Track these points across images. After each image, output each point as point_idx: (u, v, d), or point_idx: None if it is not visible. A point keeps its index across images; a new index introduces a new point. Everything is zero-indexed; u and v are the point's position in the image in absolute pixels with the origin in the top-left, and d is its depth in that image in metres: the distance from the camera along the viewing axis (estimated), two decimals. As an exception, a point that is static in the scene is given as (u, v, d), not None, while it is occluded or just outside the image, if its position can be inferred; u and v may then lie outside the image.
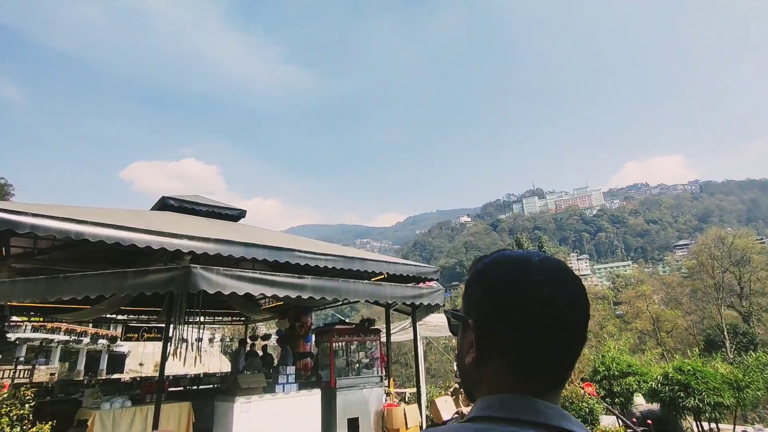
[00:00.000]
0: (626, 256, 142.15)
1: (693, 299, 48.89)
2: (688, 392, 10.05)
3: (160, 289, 4.31)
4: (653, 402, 11.32)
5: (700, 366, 10.62)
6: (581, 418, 7.76)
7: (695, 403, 9.84)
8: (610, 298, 61.41)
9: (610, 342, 15.32)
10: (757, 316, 44.18)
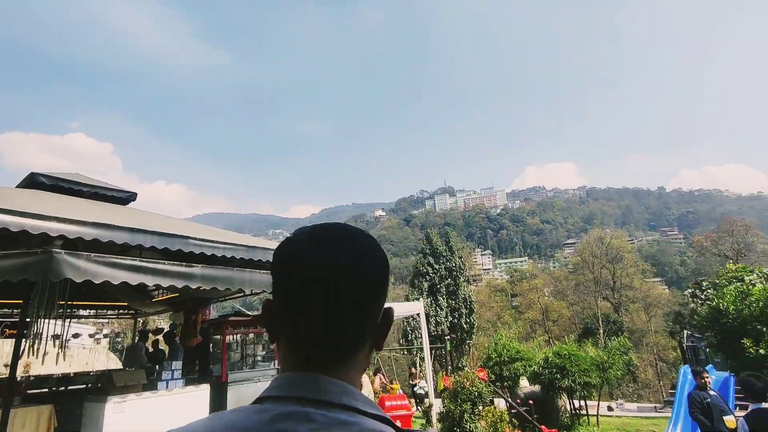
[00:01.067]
0: (523, 252, 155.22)
1: (576, 292, 54.89)
2: (564, 374, 11.23)
3: (12, 277, 3.71)
4: (535, 384, 12.48)
5: (575, 350, 11.93)
6: (471, 401, 8.28)
7: (569, 384, 11.03)
8: (507, 290, 66.72)
9: (503, 331, 16.62)
10: (625, 306, 50.99)
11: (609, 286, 51.59)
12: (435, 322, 33.48)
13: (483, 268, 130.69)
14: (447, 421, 8.58)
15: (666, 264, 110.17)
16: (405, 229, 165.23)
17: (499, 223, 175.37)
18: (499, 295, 61.62)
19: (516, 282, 62.41)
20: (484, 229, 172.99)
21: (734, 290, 9.27)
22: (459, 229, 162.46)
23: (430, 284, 35.04)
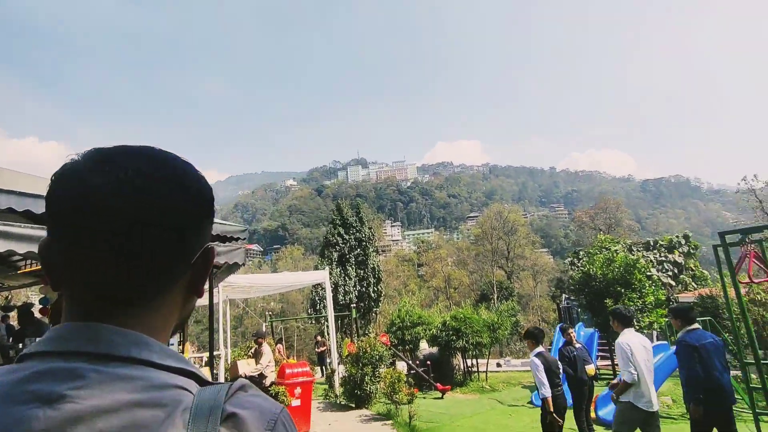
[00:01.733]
0: (431, 224, 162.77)
1: (476, 261, 59.25)
2: (459, 336, 12.08)
3: None
4: (433, 346, 13.30)
5: (469, 314, 12.87)
6: (372, 364, 8.54)
7: (463, 344, 11.90)
8: (414, 260, 69.87)
9: (406, 298, 17.38)
10: (517, 274, 56.38)
11: (504, 255, 56.42)
12: (343, 291, 33.95)
13: (392, 239, 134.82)
14: (348, 385, 8.80)
15: (552, 236, 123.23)
16: (317, 200, 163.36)
17: (409, 195, 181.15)
18: (406, 265, 64.26)
19: (422, 252, 65.46)
20: (394, 201, 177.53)
21: (602, 258, 10.68)
22: (371, 201, 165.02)
23: (340, 254, 35.26)
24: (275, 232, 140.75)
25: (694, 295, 17.03)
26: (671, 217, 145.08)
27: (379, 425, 7.17)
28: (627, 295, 9.87)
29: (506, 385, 12.51)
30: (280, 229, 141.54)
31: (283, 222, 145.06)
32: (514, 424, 7.89)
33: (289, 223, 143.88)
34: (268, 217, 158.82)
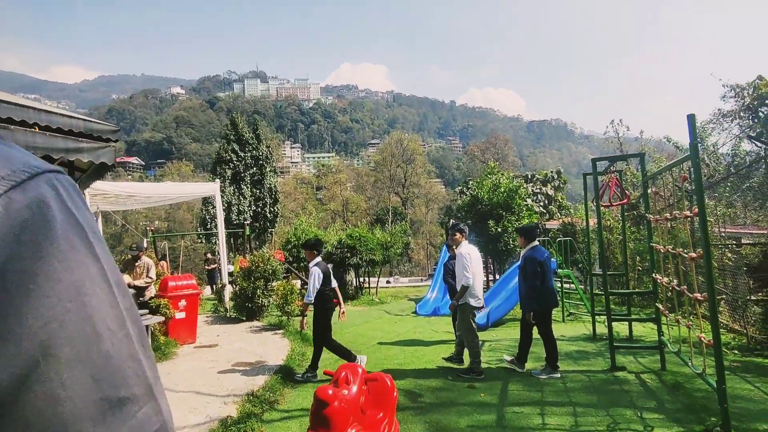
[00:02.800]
0: (332, 148, 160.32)
1: (374, 187, 60.47)
2: (353, 253, 12.42)
3: None
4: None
5: (365, 233, 13.21)
6: (264, 278, 8.41)
7: (357, 261, 12.29)
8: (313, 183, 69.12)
9: (303, 217, 17.22)
10: (411, 201, 59.08)
11: (401, 183, 58.28)
12: (237, 211, 32.57)
13: (292, 161, 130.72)
14: (239, 298, 8.63)
15: (446, 167, 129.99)
16: (209, 113, 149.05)
17: (311, 117, 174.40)
18: (304, 187, 63.35)
19: (322, 176, 64.69)
20: (295, 121, 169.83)
21: (490, 183, 11.52)
22: (270, 119, 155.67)
23: (234, 172, 33.27)
24: (159, 145, 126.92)
25: (558, 222, 19.53)
26: (548, 156, 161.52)
27: (270, 334, 7.23)
28: (507, 217, 10.90)
29: (394, 299, 13.46)
30: (165, 142, 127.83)
31: (169, 134, 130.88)
32: (398, 329, 8.55)
33: (176, 136, 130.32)
34: (151, 127, 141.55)
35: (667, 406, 4.12)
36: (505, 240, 10.83)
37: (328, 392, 2.22)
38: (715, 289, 3.42)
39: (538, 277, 4.95)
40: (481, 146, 69.67)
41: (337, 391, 2.33)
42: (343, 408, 2.24)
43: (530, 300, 5.08)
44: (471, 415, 4.03)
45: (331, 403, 2.19)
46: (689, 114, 3.60)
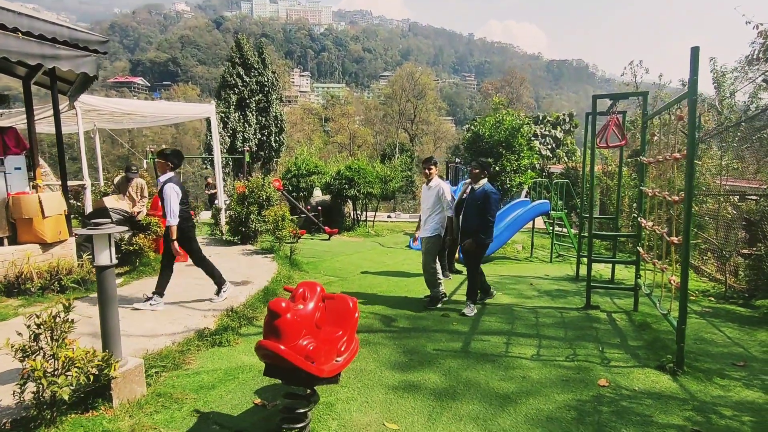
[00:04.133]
0: (342, 79, 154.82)
1: (383, 122, 59.22)
2: (351, 185, 12.39)
3: None
4: (327, 194, 13.60)
5: (363, 165, 13.09)
6: (258, 204, 8.48)
7: (354, 193, 12.29)
8: (321, 114, 67.68)
9: (304, 147, 17.02)
10: (420, 138, 58.00)
11: (410, 119, 56.87)
12: (243, 138, 32.27)
13: (300, 89, 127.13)
14: (233, 223, 8.76)
15: (459, 105, 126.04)
16: (215, 34, 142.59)
17: (322, 44, 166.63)
18: (311, 118, 62.16)
19: (330, 107, 63.13)
20: (305, 48, 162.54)
21: (492, 119, 11.18)
22: (278, 44, 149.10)
23: (239, 98, 32.50)
24: (164, 66, 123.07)
25: (562, 166, 19.22)
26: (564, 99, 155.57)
27: (260, 257, 7.41)
28: (506, 156, 10.70)
29: (390, 232, 13.62)
30: (170, 63, 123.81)
31: (174, 55, 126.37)
32: (388, 261, 8.73)
33: (182, 57, 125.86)
34: (155, 47, 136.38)
35: (630, 343, 4.26)
36: (503, 179, 10.71)
37: (281, 305, 2.28)
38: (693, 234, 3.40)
39: (492, 213, 4.97)
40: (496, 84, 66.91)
41: (291, 304, 2.39)
42: (296, 320, 2.31)
43: (483, 232, 4.98)
44: (440, 342, 4.20)
45: (283, 314, 2.26)
46: (693, 47, 3.35)
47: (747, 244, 6.68)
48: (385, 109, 59.88)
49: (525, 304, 5.64)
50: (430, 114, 58.48)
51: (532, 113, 49.17)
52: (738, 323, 4.91)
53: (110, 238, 2.74)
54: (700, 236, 7.48)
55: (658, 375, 3.46)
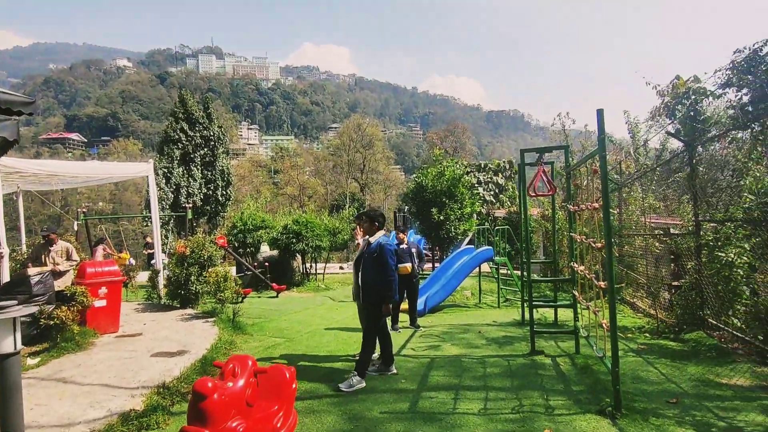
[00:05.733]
0: (291, 131, 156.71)
1: (333, 172, 59.87)
2: (299, 239, 12.23)
3: None
4: (274, 249, 13.30)
5: (311, 218, 13.03)
6: (199, 264, 8.12)
7: (302, 247, 12.12)
8: (270, 166, 67.53)
9: (250, 201, 16.74)
10: (370, 187, 58.98)
11: (360, 168, 57.96)
12: (187, 193, 31.36)
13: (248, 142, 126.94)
14: (172, 286, 8.30)
15: (406, 154, 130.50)
16: (159, 89, 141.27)
17: (270, 97, 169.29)
18: (260, 171, 61.80)
19: (279, 159, 63.25)
20: (253, 101, 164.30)
21: (434, 171, 11.64)
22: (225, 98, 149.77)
23: (183, 152, 31.87)
24: (103, 121, 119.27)
25: (505, 211, 20.13)
26: (505, 146, 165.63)
27: (200, 322, 7.01)
28: (450, 205, 11.08)
29: (341, 285, 13.40)
30: (110, 118, 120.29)
31: (114, 110, 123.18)
32: (337, 316, 8.54)
33: (122, 112, 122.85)
34: (94, 102, 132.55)
35: (573, 388, 4.34)
36: (447, 228, 11.02)
37: (207, 385, 2.14)
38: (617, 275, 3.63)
39: (393, 267, 4.58)
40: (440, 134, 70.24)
41: (218, 383, 2.26)
42: (223, 401, 2.17)
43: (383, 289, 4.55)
44: (387, 403, 4.07)
45: (209, 396, 2.12)
46: (598, 109, 3.72)
47: (674, 277, 7.19)
48: (334, 160, 60.78)
49: (473, 354, 5.66)
50: (379, 163, 59.95)
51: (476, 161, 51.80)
52: (670, 358, 5.16)
53: (15, 322, 2.50)
54: (630, 275, 7.96)
55: (599, 420, 3.52)
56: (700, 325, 6.01)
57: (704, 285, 5.93)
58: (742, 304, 5.45)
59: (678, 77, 6.21)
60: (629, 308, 8.52)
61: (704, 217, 5.99)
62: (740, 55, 7.36)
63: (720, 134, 6.18)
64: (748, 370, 4.54)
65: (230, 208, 34.17)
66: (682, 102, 6.18)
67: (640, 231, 8.88)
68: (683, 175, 6.98)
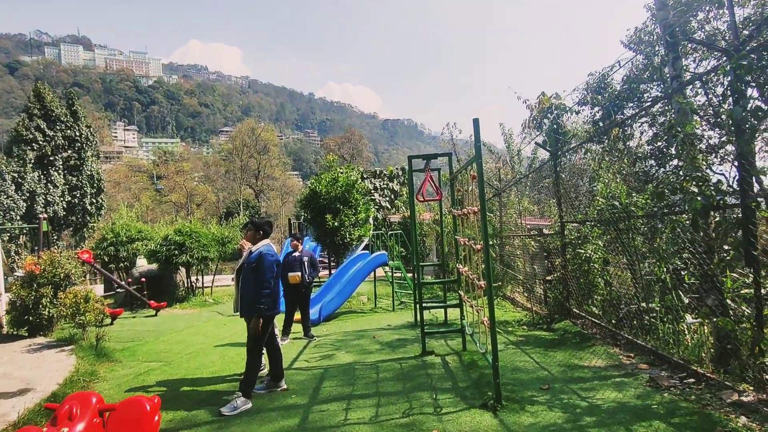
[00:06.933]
0: (176, 133, 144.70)
1: (225, 178, 56.47)
2: (182, 250, 11.19)
3: None
4: (153, 262, 12.00)
5: (197, 228, 12.02)
6: (53, 284, 6.94)
7: (186, 259, 11.11)
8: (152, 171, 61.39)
9: (123, 210, 14.94)
10: (266, 193, 56.81)
11: (254, 174, 55.50)
12: (45, 202, 27.09)
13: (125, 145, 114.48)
14: (16, 311, 6.96)
15: (304, 160, 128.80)
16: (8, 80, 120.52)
17: (151, 96, 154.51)
18: (140, 176, 55.94)
19: (162, 163, 57.85)
20: (130, 100, 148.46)
21: (329, 177, 11.52)
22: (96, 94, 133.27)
23: (40, 155, 27.51)
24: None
25: (400, 216, 20.77)
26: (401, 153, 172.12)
27: (53, 353, 5.95)
28: (344, 211, 11.04)
29: (230, 297, 12.54)
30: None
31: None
32: (225, 333, 7.93)
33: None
34: None
35: (460, 384, 4.50)
36: (342, 234, 10.96)
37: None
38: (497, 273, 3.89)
39: (270, 278, 4.29)
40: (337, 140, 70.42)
41: (50, 430, 1.84)
42: (51, 454, 1.77)
43: (260, 302, 4.24)
44: (274, 422, 3.81)
45: (30, 452, 1.71)
46: (474, 118, 3.93)
47: (546, 273, 7.97)
48: (227, 165, 57.40)
49: (366, 360, 5.61)
50: (275, 169, 58.06)
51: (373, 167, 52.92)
52: (543, 347, 5.66)
53: None
54: (510, 272, 8.66)
55: (482, 414, 3.67)
56: (567, 314, 6.72)
57: (569, 278, 6.66)
58: (598, 293, 6.22)
59: (543, 93, 6.92)
60: (510, 303, 9.27)
61: (568, 219, 6.73)
62: (593, 78, 8.51)
63: (577, 145, 7.02)
64: (603, 352, 5.15)
65: (102, 219, 30.30)
66: (546, 116, 6.88)
67: (518, 232, 9.74)
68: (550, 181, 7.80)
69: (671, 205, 4.65)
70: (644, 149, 6.99)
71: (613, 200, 5.52)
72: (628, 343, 5.15)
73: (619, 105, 8.05)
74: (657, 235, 5.03)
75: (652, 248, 5.04)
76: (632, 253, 5.20)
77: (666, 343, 4.67)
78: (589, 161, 7.31)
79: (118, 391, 4.82)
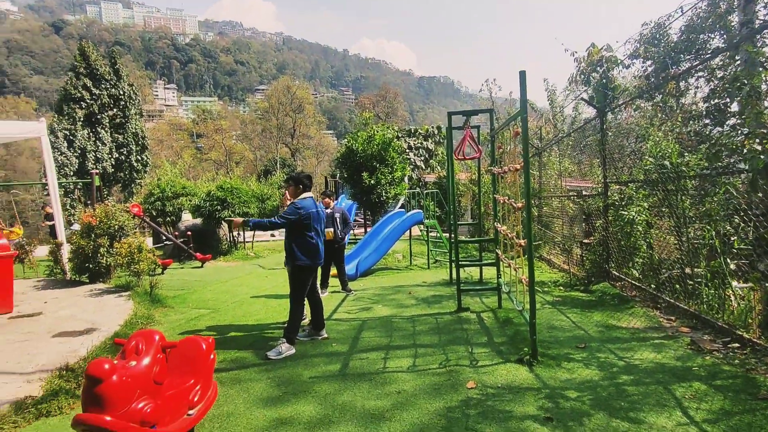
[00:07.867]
0: (214, 92, 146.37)
1: (262, 137, 57.19)
2: (224, 206, 11.60)
3: None
4: (197, 217, 12.54)
5: (237, 184, 12.37)
6: (108, 234, 7.41)
7: (228, 214, 11.53)
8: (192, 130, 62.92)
9: (166, 166, 15.53)
10: (301, 152, 57.27)
11: (290, 133, 55.87)
12: (95, 159, 28.42)
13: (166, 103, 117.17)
14: (78, 259, 7.52)
15: (338, 119, 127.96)
16: (53, 38, 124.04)
17: (188, 55, 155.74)
18: (181, 134, 57.51)
19: (201, 122, 59.06)
20: (169, 58, 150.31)
21: (365, 134, 11.46)
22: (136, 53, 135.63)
23: (88, 113, 28.59)
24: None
25: (435, 176, 20.55)
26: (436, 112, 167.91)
27: (112, 297, 6.45)
28: (380, 169, 11.03)
29: (272, 252, 13.05)
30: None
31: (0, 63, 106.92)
32: (266, 284, 8.30)
33: (9, 65, 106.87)
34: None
35: (495, 340, 4.58)
36: (378, 192, 11.01)
37: (104, 366, 1.91)
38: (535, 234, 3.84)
39: (280, 217, 4.49)
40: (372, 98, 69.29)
41: (117, 363, 2.03)
42: (124, 382, 1.96)
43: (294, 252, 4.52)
44: (317, 367, 4.03)
45: (106, 378, 1.89)
46: (521, 70, 3.75)
47: (585, 235, 7.79)
48: (263, 124, 57.96)
49: (403, 314, 5.77)
50: (310, 128, 58.19)
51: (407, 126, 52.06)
52: (579, 308, 5.63)
53: None
54: (548, 234, 8.50)
55: (518, 368, 3.75)
56: (605, 277, 6.60)
57: (610, 241, 6.49)
58: (640, 257, 6.04)
59: (593, 45, 6.49)
60: (546, 264, 9.17)
61: (611, 180, 6.46)
62: (647, 28, 7.87)
63: (628, 101, 6.61)
64: (643, 314, 5.07)
65: (148, 175, 31.58)
66: (596, 70, 6.48)
67: (557, 193, 9.47)
68: (594, 140, 7.46)
69: (725, 166, 4.38)
70: (698, 107, 6.52)
71: (663, 160, 5.24)
72: (669, 307, 5.04)
73: (675, 58, 7.46)
74: (708, 197, 4.78)
75: (702, 211, 4.81)
76: (679, 215, 4.98)
77: (711, 308, 4.54)
78: (638, 119, 6.90)
79: (173, 333, 5.21)
